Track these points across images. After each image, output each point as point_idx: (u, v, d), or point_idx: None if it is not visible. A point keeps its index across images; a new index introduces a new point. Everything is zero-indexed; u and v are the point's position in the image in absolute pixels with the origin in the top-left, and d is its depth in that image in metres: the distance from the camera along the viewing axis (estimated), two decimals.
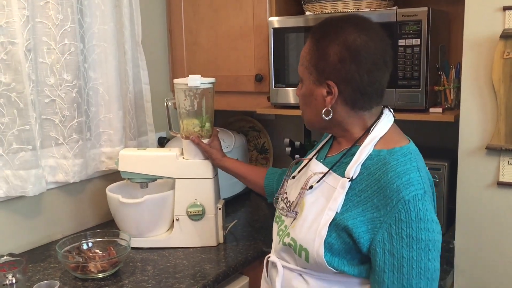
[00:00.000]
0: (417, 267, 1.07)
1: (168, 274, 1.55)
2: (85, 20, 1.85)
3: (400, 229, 1.07)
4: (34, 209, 1.79)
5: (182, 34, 2.21)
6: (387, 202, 1.08)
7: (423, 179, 1.11)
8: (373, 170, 1.12)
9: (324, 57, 1.14)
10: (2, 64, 1.59)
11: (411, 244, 1.06)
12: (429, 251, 1.08)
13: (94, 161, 1.95)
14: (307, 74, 1.19)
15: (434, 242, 1.09)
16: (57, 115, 1.78)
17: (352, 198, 1.13)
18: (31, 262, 1.65)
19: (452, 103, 1.72)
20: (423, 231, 1.07)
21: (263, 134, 2.48)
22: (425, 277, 1.08)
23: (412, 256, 1.07)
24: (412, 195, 1.07)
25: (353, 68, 1.12)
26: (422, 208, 1.07)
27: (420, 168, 1.12)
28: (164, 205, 1.74)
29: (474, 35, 1.44)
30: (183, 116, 1.75)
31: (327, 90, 1.16)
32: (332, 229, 1.13)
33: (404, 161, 1.11)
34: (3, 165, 1.64)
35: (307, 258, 1.16)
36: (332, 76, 1.14)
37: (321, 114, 1.18)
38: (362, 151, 1.15)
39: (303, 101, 1.24)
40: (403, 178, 1.08)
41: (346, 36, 1.12)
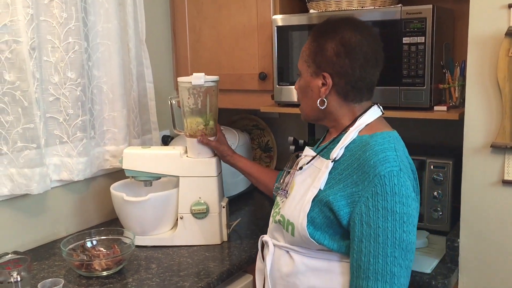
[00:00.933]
0: (392, 237, 1.15)
1: (172, 272, 1.56)
2: (89, 19, 1.86)
3: (376, 202, 1.16)
4: (38, 207, 1.79)
5: (186, 32, 2.21)
6: (364, 178, 1.18)
7: (400, 158, 1.20)
8: (354, 151, 1.24)
9: (321, 52, 1.27)
10: (7, 62, 1.59)
11: (386, 216, 1.15)
12: (403, 223, 1.16)
13: (98, 159, 1.95)
14: (305, 67, 1.32)
15: (409, 216, 1.17)
16: (62, 113, 1.78)
17: (335, 176, 1.24)
18: (35, 260, 1.65)
19: (457, 101, 1.71)
20: (397, 204, 1.15)
21: (267, 132, 2.48)
22: (399, 247, 1.15)
23: (387, 227, 1.15)
24: (387, 170, 1.16)
25: (347, 63, 1.25)
26: (397, 184, 1.16)
27: (397, 149, 1.22)
28: (168, 203, 1.75)
29: (479, 33, 1.43)
30: (187, 114, 1.75)
31: (323, 81, 1.28)
32: (315, 205, 1.25)
33: (382, 142, 1.22)
34: (7, 163, 1.64)
35: (293, 232, 1.28)
36: (328, 68, 1.27)
37: (316, 105, 1.30)
38: (347, 137, 1.27)
39: (301, 94, 1.36)
40: (380, 155, 1.18)
41: (343, 34, 1.25)
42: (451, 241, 1.57)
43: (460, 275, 1.55)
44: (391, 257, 1.16)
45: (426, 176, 1.77)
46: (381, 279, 1.16)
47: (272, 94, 1.98)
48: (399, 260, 1.16)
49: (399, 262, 1.16)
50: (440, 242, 1.72)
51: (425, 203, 1.79)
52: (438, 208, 1.77)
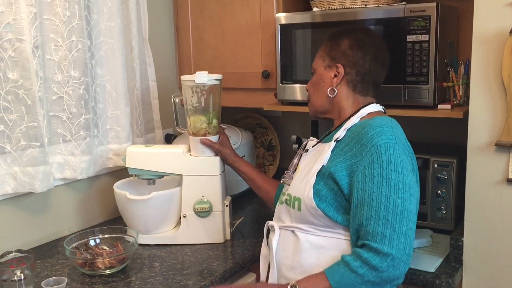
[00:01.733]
0: (386, 201, 1.21)
1: (176, 270, 1.55)
2: (92, 17, 1.86)
3: (372, 169, 1.24)
4: (42, 206, 1.79)
5: (189, 30, 2.21)
6: (362, 149, 1.27)
7: (396, 134, 1.28)
8: (355, 130, 1.33)
9: (337, 46, 1.41)
10: (10, 61, 1.59)
11: (381, 182, 1.22)
12: (398, 190, 1.22)
13: (102, 157, 1.95)
14: (320, 62, 1.44)
15: (405, 185, 1.23)
16: (65, 112, 1.78)
17: (337, 153, 1.34)
18: (39, 258, 1.65)
19: (461, 100, 1.70)
20: (393, 172, 1.22)
21: (270, 131, 2.48)
22: (393, 212, 1.21)
23: (381, 191, 1.22)
24: (383, 141, 1.25)
25: (359, 54, 1.38)
26: (393, 154, 1.24)
27: (394, 127, 1.30)
28: (171, 202, 1.75)
29: (483, 31, 1.42)
30: (190, 112, 1.74)
31: (335, 73, 1.41)
32: (320, 178, 1.33)
33: (381, 120, 1.31)
34: (11, 162, 1.65)
35: (299, 206, 1.35)
36: (341, 60, 1.40)
37: (326, 94, 1.42)
38: (350, 121, 1.37)
39: (313, 88, 1.47)
40: (377, 129, 1.27)
41: (356, 34, 1.42)
42: (455, 240, 1.56)
43: (464, 274, 1.54)
44: (383, 220, 1.20)
45: (430, 174, 1.77)
46: (371, 239, 1.21)
47: (275, 92, 1.97)
48: (393, 224, 1.20)
49: (392, 226, 1.20)
50: (444, 241, 1.72)
51: (429, 202, 1.79)
52: (442, 207, 1.76)
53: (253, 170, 1.75)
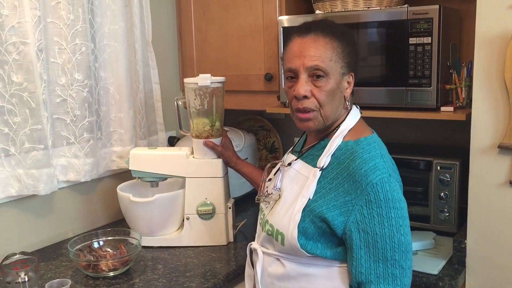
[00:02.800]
0: (391, 241, 1.16)
1: (179, 272, 1.56)
2: (96, 20, 1.87)
3: (371, 209, 1.16)
4: (45, 208, 1.80)
5: (192, 33, 2.21)
6: (356, 186, 1.18)
7: (387, 164, 1.22)
8: (342, 159, 1.23)
9: (351, 52, 1.27)
10: (14, 64, 1.60)
11: (383, 222, 1.16)
12: (400, 227, 1.17)
13: (105, 160, 1.96)
14: (336, 68, 1.24)
15: (404, 219, 1.19)
16: (69, 114, 1.79)
17: (324, 186, 1.23)
18: (43, 260, 1.66)
19: (464, 102, 1.70)
20: (392, 210, 1.16)
21: (273, 133, 2.48)
22: (399, 250, 1.16)
23: (384, 233, 1.16)
24: (378, 178, 1.17)
25: (357, 62, 1.30)
26: (389, 189, 1.17)
27: (383, 155, 1.23)
28: (175, 204, 1.75)
29: (486, 33, 1.42)
30: (193, 115, 1.75)
31: (348, 81, 1.28)
32: (306, 215, 1.22)
33: (369, 149, 1.22)
34: (15, 164, 1.65)
35: (283, 241, 1.25)
36: (353, 68, 1.28)
37: (341, 107, 1.28)
38: (332, 143, 1.26)
39: (328, 98, 1.24)
40: (370, 163, 1.18)
41: (352, 35, 1.32)
42: (458, 242, 1.56)
43: (467, 276, 1.54)
44: (392, 261, 1.16)
45: (432, 176, 1.77)
46: (383, 282, 1.16)
47: (278, 95, 1.98)
48: (400, 262, 1.17)
49: (400, 264, 1.16)
50: (447, 243, 1.72)
51: (432, 204, 1.78)
52: (445, 209, 1.76)
53: (255, 171, 1.75)
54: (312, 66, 1.22)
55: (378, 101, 1.74)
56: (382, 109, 1.73)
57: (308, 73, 1.23)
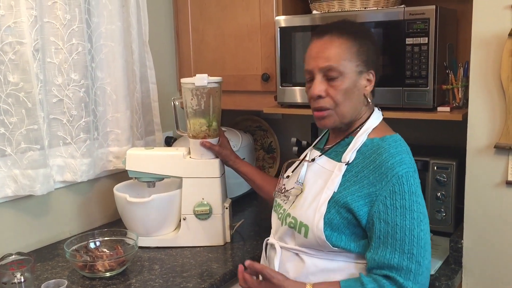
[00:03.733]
0: (410, 234, 1.18)
1: (175, 273, 1.56)
2: (93, 20, 1.86)
3: (394, 200, 1.19)
4: (42, 208, 1.80)
5: (189, 33, 2.21)
6: (382, 178, 1.21)
7: (413, 160, 1.26)
8: (368, 154, 1.26)
9: (368, 50, 1.30)
10: (11, 64, 1.59)
11: (405, 214, 1.18)
12: (420, 222, 1.19)
13: (102, 160, 1.95)
14: (352, 67, 1.28)
15: (425, 216, 1.22)
16: (65, 114, 1.79)
17: (349, 179, 1.26)
18: (39, 261, 1.66)
19: (460, 102, 1.71)
20: (414, 204, 1.19)
21: (270, 133, 2.48)
22: (418, 245, 1.17)
23: (405, 224, 1.18)
24: (405, 171, 1.20)
25: (379, 58, 1.35)
26: (414, 183, 1.21)
27: (409, 152, 1.27)
28: (171, 204, 1.75)
29: (482, 33, 1.43)
30: (190, 115, 1.75)
31: (367, 78, 1.31)
32: (331, 206, 1.25)
33: (396, 145, 1.26)
34: (11, 165, 1.65)
35: (306, 234, 1.27)
36: (371, 66, 1.31)
37: (361, 103, 1.31)
38: (357, 140, 1.29)
39: (344, 97, 1.29)
40: (396, 157, 1.22)
41: (371, 34, 1.35)
42: (455, 242, 1.56)
43: (463, 276, 1.54)
44: (408, 254, 1.17)
45: (429, 177, 1.77)
46: (395, 272, 1.17)
47: (275, 95, 1.98)
48: (418, 258, 1.17)
49: (417, 260, 1.17)
50: (443, 243, 1.72)
51: (429, 204, 1.78)
52: (442, 209, 1.76)
53: (253, 171, 1.75)
54: (325, 67, 1.27)
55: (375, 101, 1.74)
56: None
57: (323, 73, 1.28)
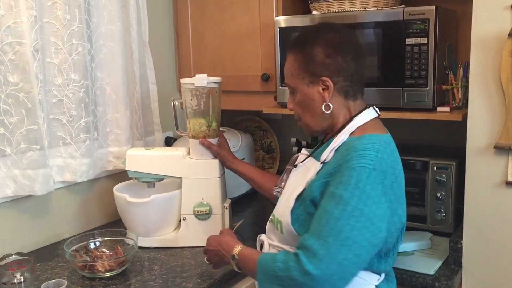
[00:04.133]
0: (334, 224, 1.12)
1: (175, 273, 1.56)
2: (93, 20, 1.86)
3: (336, 189, 1.16)
4: (42, 209, 1.80)
5: (188, 33, 2.21)
6: (338, 169, 1.19)
7: (379, 159, 1.17)
8: (341, 152, 1.24)
9: (311, 60, 1.27)
10: (10, 64, 1.59)
11: (338, 203, 1.14)
12: (352, 217, 1.12)
13: (102, 160, 1.95)
14: (298, 80, 1.31)
15: (363, 214, 1.12)
16: (65, 115, 1.79)
17: (321, 175, 1.25)
18: (39, 261, 1.66)
19: (460, 102, 1.71)
20: (355, 198, 1.13)
21: (270, 133, 2.48)
22: (336, 236, 1.12)
23: (333, 213, 1.13)
24: (360, 165, 1.15)
25: (340, 59, 1.26)
26: (364, 180, 1.14)
27: (380, 151, 1.18)
28: (171, 205, 1.75)
29: (482, 34, 1.43)
30: (189, 115, 1.75)
31: (322, 86, 1.28)
32: (301, 202, 1.26)
33: (367, 142, 1.20)
34: (11, 165, 1.65)
35: (281, 229, 1.30)
36: (324, 72, 1.27)
37: (321, 113, 1.29)
38: (337, 140, 1.27)
39: (300, 109, 1.34)
40: (360, 152, 1.18)
41: (325, 37, 1.28)
42: (455, 243, 1.56)
43: (463, 276, 1.54)
44: (322, 240, 1.12)
45: (429, 177, 1.77)
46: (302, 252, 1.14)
47: (275, 95, 1.98)
48: (329, 247, 1.11)
49: (327, 248, 1.11)
50: (443, 243, 1.72)
51: (428, 204, 1.79)
52: (442, 209, 1.76)
53: (252, 170, 1.75)
54: (286, 84, 1.36)
55: (375, 102, 1.73)
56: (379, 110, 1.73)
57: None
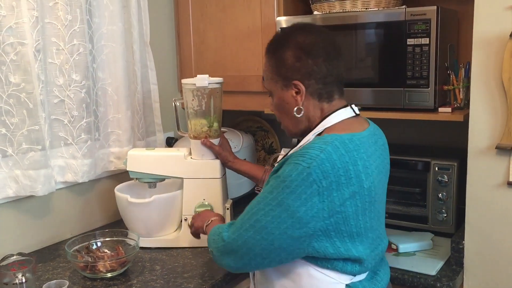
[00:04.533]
0: (254, 206, 1.20)
1: (177, 274, 1.56)
2: (94, 21, 1.86)
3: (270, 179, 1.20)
4: (43, 209, 1.80)
5: (190, 34, 2.21)
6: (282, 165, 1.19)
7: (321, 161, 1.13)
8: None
9: (283, 63, 1.27)
10: (12, 64, 1.60)
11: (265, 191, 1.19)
12: (269, 205, 1.16)
13: (103, 161, 1.95)
14: (273, 84, 1.31)
15: (281, 206, 1.14)
16: (66, 115, 1.79)
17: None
18: (40, 261, 1.66)
19: (462, 103, 1.71)
20: (279, 189, 1.15)
21: (271, 134, 2.48)
22: (250, 218, 1.19)
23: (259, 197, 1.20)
24: (295, 162, 1.15)
25: (310, 62, 1.25)
26: (293, 177, 1.13)
27: (327, 151, 1.15)
28: (172, 205, 1.75)
29: (483, 34, 1.43)
30: (191, 116, 1.75)
31: (295, 90, 1.27)
32: None
33: (318, 142, 1.18)
34: (13, 165, 1.65)
35: None
36: (295, 75, 1.26)
37: (301, 113, 1.28)
38: (304, 140, 1.28)
39: (278, 112, 1.35)
40: (303, 150, 1.17)
41: (296, 40, 1.27)
42: (456, 243, 1.56)
43: (465, 277, 1.54)
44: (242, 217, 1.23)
45: (430, 177, 1.77)
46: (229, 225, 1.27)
47: None
48: (243, 226, 1.21)
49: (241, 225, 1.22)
50: (445, 244, 1.72)
51: (430, 205, 1.79)
52: (443, 210, 1.76)
53: (254, 167, 1.75)
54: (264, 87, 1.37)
55: (376, 102, 1.75)
56: (380, 110, 1.73)
57: None
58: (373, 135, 1.30)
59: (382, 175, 1.28)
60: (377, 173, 1.24)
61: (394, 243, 1.73)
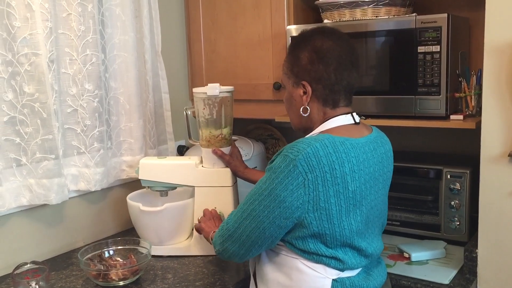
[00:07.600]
0: (250, 197, 1.27)
1: (188, 282, 1.56)
2: (106, 31, 1.88)
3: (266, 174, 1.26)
4: (56, 217, 1.81)
5: (201, 43, 2.23)
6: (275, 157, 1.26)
7: (308, 155, 1.18)
8: None
9: (297, 62, 1.33)
10: (26, 75, 1.62)
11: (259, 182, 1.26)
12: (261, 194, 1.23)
13: (115, 169, 1.97)
14: (286, 79, 1.38)
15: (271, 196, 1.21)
16: (79, 124, 1.81)
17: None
18: (53, 269, 1.67)
19: (474, 110, 1.70)
20: (269, 180, 1.22)
21: (282, 142, 2.48)
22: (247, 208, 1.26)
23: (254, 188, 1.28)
24: (284, 153, 1.21)
25: (321, 68, 1.29)
26: (282, 167, 1.19)
27: (315, 147, 1.19)
28: (184, 213, 1.75)
29: (495, 41, 1.42)
30: (202, 124, 1.76)
31: (303, 90, 1.32)
32: None
33: (309, 138, 1.24)
34: (26, 174, 1.67)
35: None
36: (305, 76, 1.31)
37: (300, 113, 1.34)
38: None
39: (287, 105, 1.41)
40: (293, 143, 1.23)
41: (314, 42, 1.31)
42: (469, 252, 1.55)
43: (478, 286, 1.52)
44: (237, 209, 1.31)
45: (443, 185, 1.76)
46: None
47: None
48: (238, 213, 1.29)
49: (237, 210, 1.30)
50: (458, 252, 1.70)
51: (442, 213, 1.77)
52: (456, 218, 1.75)
53: None
54: None
55: (387, 110, 1.74)
56: (391, 118, 1.73)
57: None
58: (372, 142, 1.31)
59: (376, 181, 1.30)
60: (368, 179, 1.26)
61: (407, 252, 1.72)
